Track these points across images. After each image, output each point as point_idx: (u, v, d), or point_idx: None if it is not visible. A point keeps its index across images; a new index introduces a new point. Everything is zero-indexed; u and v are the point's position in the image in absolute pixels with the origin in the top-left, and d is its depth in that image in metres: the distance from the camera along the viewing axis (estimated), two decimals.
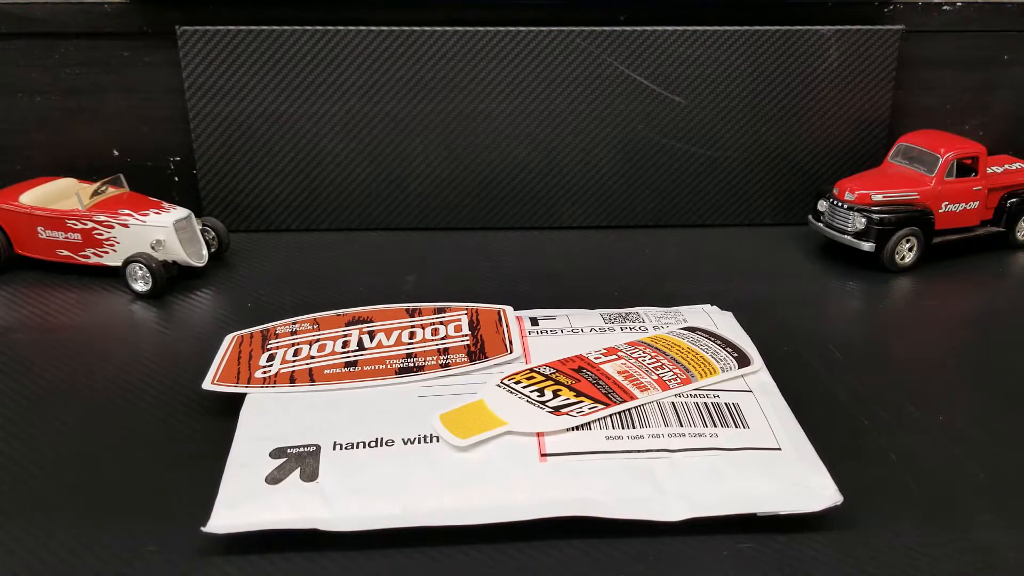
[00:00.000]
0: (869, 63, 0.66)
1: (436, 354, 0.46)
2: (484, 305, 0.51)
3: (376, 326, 0.49)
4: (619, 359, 0.45)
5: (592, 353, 0.46)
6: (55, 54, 0.65)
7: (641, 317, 0.51)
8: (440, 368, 0.45)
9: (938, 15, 0.68)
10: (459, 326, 0.49)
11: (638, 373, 0.43)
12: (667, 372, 0.44)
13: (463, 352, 0.46)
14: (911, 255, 0.61)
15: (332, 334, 0.48)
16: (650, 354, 0.45)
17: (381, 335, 0.48)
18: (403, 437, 0.39)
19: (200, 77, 0.64)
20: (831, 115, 0.68)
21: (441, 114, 0.66)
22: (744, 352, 0.46)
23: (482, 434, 0.39)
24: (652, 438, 0.39)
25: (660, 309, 0.52)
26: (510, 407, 0.41)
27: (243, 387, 0.44)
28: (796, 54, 0.66)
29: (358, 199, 0.68)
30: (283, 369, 0.45)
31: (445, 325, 0.49)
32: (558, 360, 0.45)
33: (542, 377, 0.43)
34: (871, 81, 0.67)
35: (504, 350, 0.46)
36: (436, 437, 0.39)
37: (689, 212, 0.70)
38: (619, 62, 0.65)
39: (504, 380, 0.43)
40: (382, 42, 0.64)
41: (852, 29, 0.65)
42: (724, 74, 0.66)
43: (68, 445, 0.42)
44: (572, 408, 0.40)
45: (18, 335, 0.52)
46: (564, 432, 0.39)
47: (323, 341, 0.48)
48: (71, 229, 0.58)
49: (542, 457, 0.38)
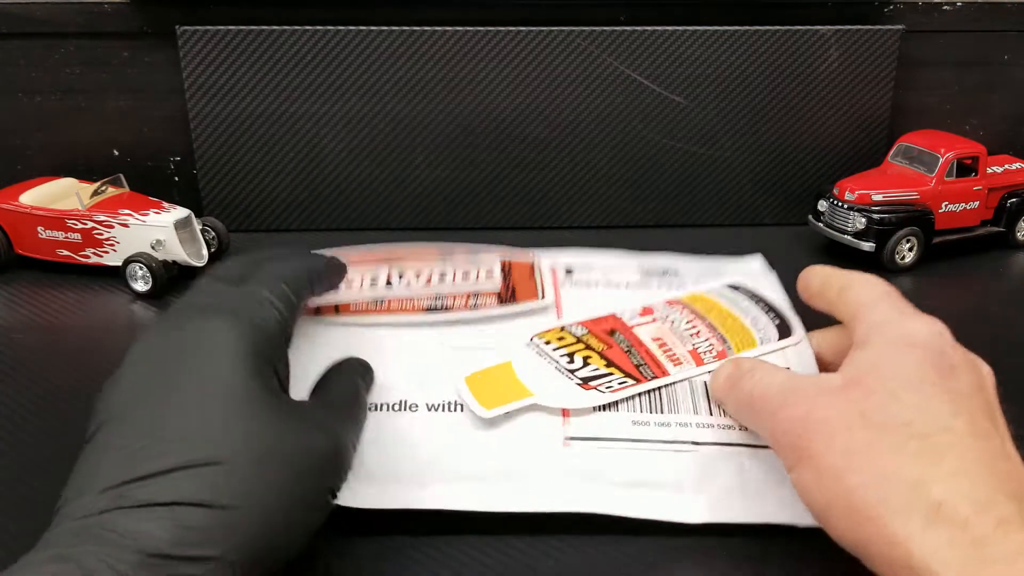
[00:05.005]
0: (869, 63, 0.66)
1: (465, 297, 0.44)
2: (518, 251, 0.48)
3: (406, 264, 0.46)
4: (654, 321, 0.43)
5: (627, 313, 0.44)
6: (55, 54, 0.65)
7: (680, 273, 0.48)
8: (469, 310, 0.43)
9: (938, 15, 0.68)
10: (491, 271, 0.46)
11: (672, 342, 0.41)
12: (703, 342, 0.42)
13: (493, 296, 0.44)
14: (911, 255, 0.61)
15: (360, 269, 0.45)
16: (687, 317, 0.43)
17: (411, 274, 0.45)
18: (427, 402, 0.38)
19: (200, 77, 0.64)
20: (831, 115, 0.68)
21: (441, 114, 0.66)
22: (786, 319, 0.44)
23: (508, 404, 0.37)
24: (679, 427, 0.38)
25: (701, 262, 0.49)
26: (538, 373, 0.39)
27: None
28: (796, 54, 0.66)
29: (358, 199, 0.68)
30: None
31: (477, 270, 0.46)
32: (591, 319, 0.43)
33: (574, 339, 0.41)
34: (871, 81, 0.67)
35: (536, 296, 0.44)
36: (460, 405, 0.38)
37: (689, 212, 0.70)
38: (619, 62, 0.65)
39: (534, 338, 0.41)
40: (382, 42, 0.64)
41: (852, 29, 0.65)
42: (724, 74, 0.66)
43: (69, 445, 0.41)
44: (601, 382, 0.39)
45: (18, 335, 0.52)
46: (590, 412, 0.38)
47: (351, 277, 0.44)
48: (71, 229, 0.58)
49: (566, 441, 0.37)
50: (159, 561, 0.25)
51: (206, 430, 0.28)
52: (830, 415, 0.32)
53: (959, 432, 0.30)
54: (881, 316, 0.35)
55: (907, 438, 0.30)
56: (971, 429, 0.30)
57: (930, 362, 0.32)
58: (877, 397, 0.31)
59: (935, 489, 0.28)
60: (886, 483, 0.29)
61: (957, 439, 0.30)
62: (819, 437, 0.31)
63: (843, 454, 0.31)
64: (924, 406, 0.31)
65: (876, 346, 0.33)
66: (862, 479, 0.30)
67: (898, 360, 0.32)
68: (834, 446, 0.31)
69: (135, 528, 0.26)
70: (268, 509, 0.28)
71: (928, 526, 0.28)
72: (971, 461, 0.29)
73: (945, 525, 0.28)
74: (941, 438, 0.30)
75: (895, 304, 0.35)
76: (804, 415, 0.32)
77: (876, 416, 0.31)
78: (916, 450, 0.29)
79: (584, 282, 0.47)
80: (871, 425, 0.31)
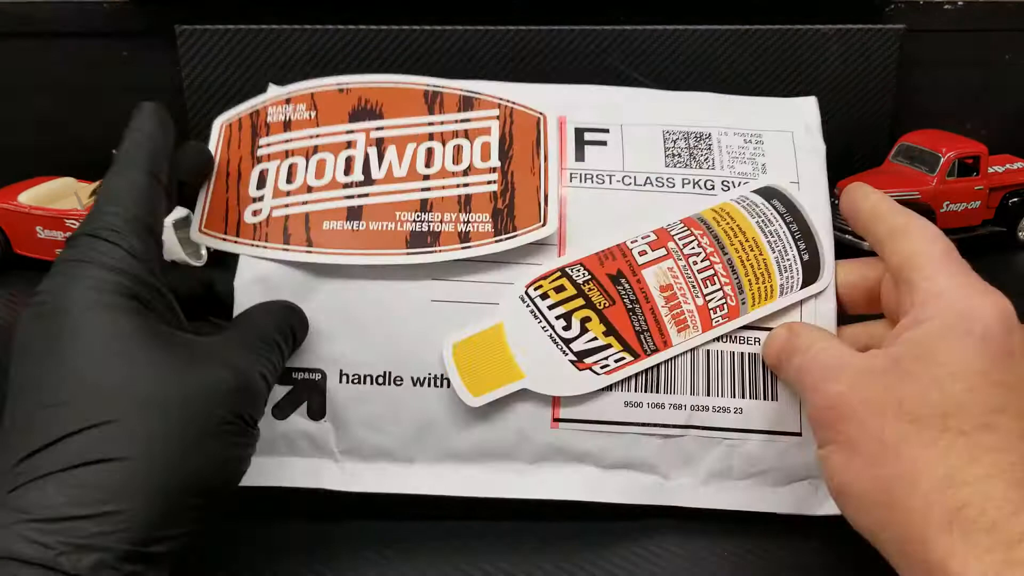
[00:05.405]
0: (870, 62, 0.66)
1: (456, 208, 0.38)
2: (520, 105, 0.41)
3: (386, 127, 0.40)
4: (667, 257, 0.38)
5: (638, 243, 0.38)
6: (55, 54, 0.65)
7: (713, 152, 0.40)
8: (459, 243, 0.37)
9: (939, 14, 0.68)
10: (487, 144, 0.40)
11: (682, 292, 0.37)
12: (715, 293, 0.37)
13: (487, 211, 0.38)
14: None
15: (333, 139, 0.40)
16: (705, 249, 0.38)
17: (392, 153, 0.39)
18: (412, 375, 0.36)
19: (200, 77, 0.64)
20: (832, 115, 0.68)
21: None
22: (818, 251, 0.39)
23: (497, 391, 0.36)
24: (673, 408, 0.36)
25: (739, 124, 0.41)
26: (531, 345, 0.36)
27: (232, 241, 0.38)
28: (796, 54, 0.65)
29: None
30: (276, 209, 0.38)
31: (470, 140, 0.40)
32: (595, 255, 0.38)
33: (573, 291, 0.37)
34: (872, 81, 0.67)
35: (536, 218, 0.38)
36: (447, 380, 0.36)
37: None
38: (619, 62, 0.65)
39: (529, 288, 0.37)
40: (381, 42, 0.64)
41: (853, 28, 0.65)
42: (724, 74, 0.66)
43: None
44: (598, 359, 0.36)
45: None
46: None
47: (322, 154, 0.39)
48: (70, 229, 0.58)
49: (554, 423, 0.36)
50: (65, 524, 0.25)
51: (86, 388, 0.28)
52: (868, 397, 0.30)
53: (1001, 430, 0.28)
54: (941, 285, 0.31)
55: (941, 431, 0.28)
56: (1015, 427, 0.28)
57: (987, 350, 0.29)
58: (919, 384, 0.30)
59: (963, 491, 0.27)
60: (912, 478, 0.28)
61: (998, 438, 0.28)
62: (854, 420, 0.30)
63: (874, 442, 0.29)
64: (967, 399, 0.29)
65: (931, 326, 0.31)
66: (889, 471, 0.29)
67: (952, 346, 0.30)
68: (867, 432, 0.30)
69: (38, 498, 0.26)
70: (169, 451, 0.28)
71: (948, 529, 0.27)
72: (1010, 463, 0.28)
73: (967, 528, 0.27)
74: (980, 436, 0.28)
75: (958, 270, 0.32)
76: (842, 395, 0.31)
77: (913, 405, 0.29)
78: (948, 445, 0.28)
79: (595, 176, 0.39)
80: (906, 414, 0.29)
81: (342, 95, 0.41)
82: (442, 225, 0.37)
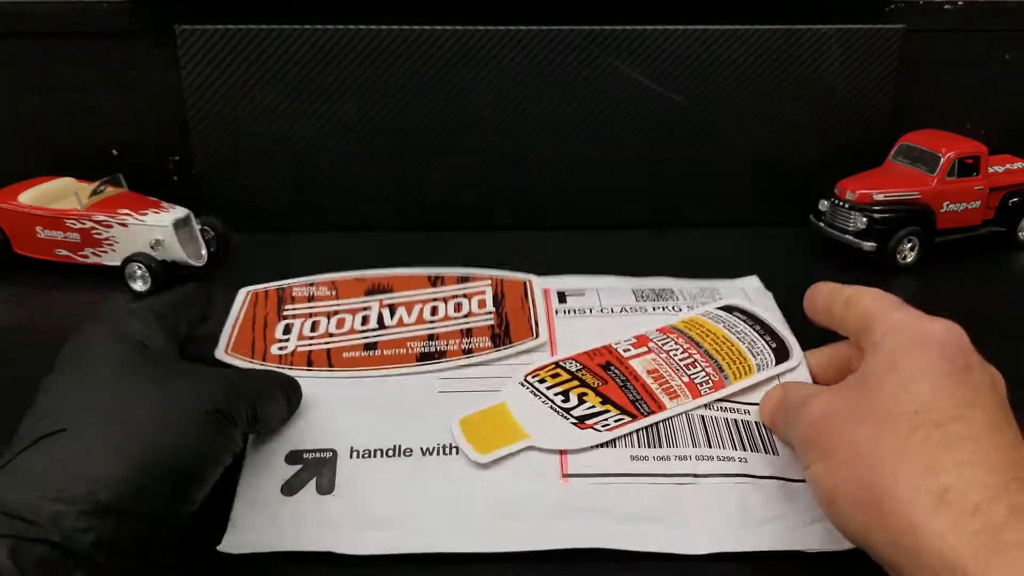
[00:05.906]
0: (870, 62, 0.66)
1: (459, 336, 0.44)
2: (509, 274, 0.49)
3: (397, 298, 0.47)
4: (649, 352, 0.43)
5: (621, 344, 0.43)
6: (54, 53, 0.65)
7: (675, 295, 0.49)
8: (463, 355, 0.43)
9: (940, 15, 0.68)
10: (483, 300, 0.47)
11: (668, 374, 0.41)
12: (699, 372, 0.41)
13: (487, 335, 0.45)
14: (912, 255, 0.61)
15: (351, 305, 0.47)
16: (682, 346, 0.43)
17: (402, 310, 0.46)
18: (422, 446, 0.38)
19: (200, 77, 0.64)
20: (832, 114, 0.68)
21: (441, 114, 0.66)
22: (783, 341, 0.44)
23: (504, 448, 0.37)
24: (679, 460, 0.37)
25: (696, 284, 0.50)
26: (533, 414, 0.39)
27: (259, 363, 0.43)
28: (797, 53, 0.65)
29: (358, 199, 0.68)
30: (300, 347, 0.44)
31: (468, 299, 0.47)
32: (585, 352, 0.43)
33: (568, 376, 0.41)
34: (872, 80, 0.67)
35: (529, 334, 0.45)
36: (455, 448, 0.37)
37: (689, 212, 0.70)
38: (619, 62, 0.65)
39: (528, 377, 0.41)
40: (382, 42, 0.64)
41: (853, 28, 0.65)
42: (724, 74, 0.66)
43: None
44: (598, 420, 0.38)
45: (16, 335, 0.52)
46: (588, 449, 0.37)
47: (342, 315, 0.46)
48: (70, 229, 0.58)
49: (564, 479, 0.36)
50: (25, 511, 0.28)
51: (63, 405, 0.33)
52: (841, 409, 0.33)
53: (974, 422, 0.30)
54: (896, 320, 0.35)
55: (915, 426, 0.30)
56: (986, 419, 0.30)
57: (946, 358, 0.32)
58: (888, 389, 0.32)
59: (943, 476, 0.28)
60: (893, 471, 0.29)
61: (972, 429, 0.30)
62: (831, 432, 0.32)
63: (851, 446, 0.31)
64: (936, 396, 0.31)
65: (891, 345, 0.34)
66: (869, 468, 0.30)
67: (913, 355, 0.32)
68: (844, 439, 0.32)
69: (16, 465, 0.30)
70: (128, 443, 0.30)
71: (936, 512, 0.28)
72: (985, 451, 0.29)
73: (953, 511, 0.28)
74: (954, 427, 0.30)
75: (910, 310, 0.36)
76: (820, 412, 0.34)
77: (885, 407, 0.31)
78: (924, 437, 0.30)
79: (577, 310, 0.47)
80: (880, 416, 0.31)
81: (358, 281, 0.49)
82: (447, 346, 0.44)
